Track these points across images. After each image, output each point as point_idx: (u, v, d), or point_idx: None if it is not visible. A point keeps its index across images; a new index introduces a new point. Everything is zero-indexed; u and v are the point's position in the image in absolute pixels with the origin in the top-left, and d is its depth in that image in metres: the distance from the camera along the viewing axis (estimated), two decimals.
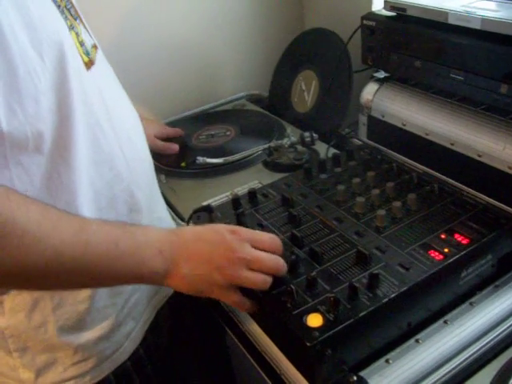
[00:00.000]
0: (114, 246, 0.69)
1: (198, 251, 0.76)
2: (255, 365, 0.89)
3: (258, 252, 0.77)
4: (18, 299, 0.77)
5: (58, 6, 0.72)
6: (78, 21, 0.78)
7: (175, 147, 1.37)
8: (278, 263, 0.78)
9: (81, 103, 0.73)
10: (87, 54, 0.78)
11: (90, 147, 0.76)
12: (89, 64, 0.78)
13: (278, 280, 0.78)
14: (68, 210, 0.69)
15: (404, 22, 1.07)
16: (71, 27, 0.74)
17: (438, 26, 0.99)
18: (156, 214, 0.96)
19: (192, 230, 0.81)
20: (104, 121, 0.79)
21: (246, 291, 0.79)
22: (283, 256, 0.80)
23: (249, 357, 0.91)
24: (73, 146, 0.72)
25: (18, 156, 0.66)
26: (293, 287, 0.75)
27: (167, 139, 1.39)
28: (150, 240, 0.74)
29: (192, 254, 0.75)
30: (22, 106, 0.64)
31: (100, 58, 0.84)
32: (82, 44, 0.77)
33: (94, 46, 0.83)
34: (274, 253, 0.79)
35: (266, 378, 0.86)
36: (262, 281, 0.75)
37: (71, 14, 0.76)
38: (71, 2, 0.78)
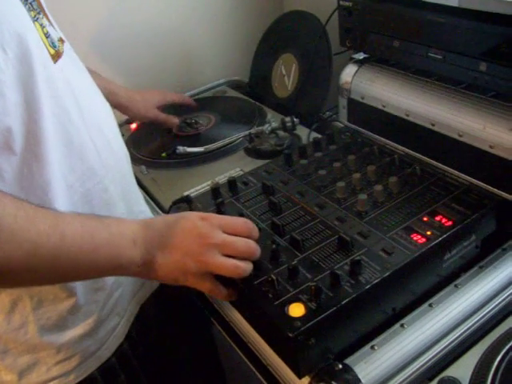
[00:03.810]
0: (90, 238, 0.69)
1: (170, 239, 0.75)
2: (242, 356, 0.89)
3: (228, 237, 0.76)
4: None
5: None
6: (41, 14, 0.76)
7: (175, 121, 1.38)
8: (250, 246, 0.77)
9: (49, 96, 0.71)
10: (53, 46, 0.76)
11: (61, 140, 0.75)
12: (55, 56, 0.76)
13: (258, 270, 0.77)
14: (41, 205, 0.69)
15: (381, 2, 1.05)
16: (35, 19, 0.72)
17: (414, 5, 0.97)
18: (135, 207, 0.95)
19: (163, 218, 0.81)
20: (74, 113, 0.77)
21: (227, 282, 0.78)
22: (258, 240, 0.79)
23: (235, 348, 0.91)
24: (43, 140, 0.71)
25: None
26: (273, 277, 0.74)
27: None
28: (124, 231, 0.73)
29: (164, 243, 0.75)
30: None
31: (67, 50, 0.82)
32: (47, 36, 0.75)
33: (60, 40, 0.81)
34: (247, 237, 0.78)
35: (252, 368, 0.86)
36: (233, 266, 0.74)
37: (33, 7, 0.74)
38: None
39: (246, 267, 0.75)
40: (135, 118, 1.38)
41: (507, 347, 0.72)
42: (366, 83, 1.11)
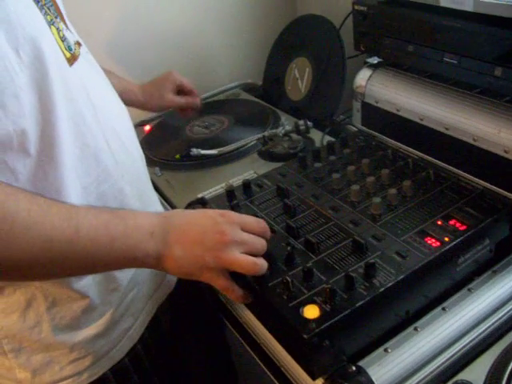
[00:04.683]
0: (104, 230, 0.69)
1: (190, 234, 0.76)
2: (255, 357, 0.89)
3: (247, 235, 0.77)
4: (11, 300, 0.76)
5: (37, 2, 0.70)
6: (58, 18, 0.76)
7: (196, 101, 1.35)
8: (264, 246, 0.79)
9: (64, 98, 0.72)
10: (69, 49, 0.76)
11: (75, 143, 0.75)
12: (71, 59, 0.76)
13: (273, 272, 0.78)
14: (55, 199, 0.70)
15: (395, 6, 1.05)
16: (51, 22, 0.73)
17: (430, 9, 0.97)
18: (150, 208, 0.95)
19: (183, 213, 0.81)
20: (89, 116, 0.77)
21: (242, 283, 0.79)
22: (268, 240, 0.81)
23: (248, 349, 0.91)
24: (58, 143, 0.71)
25: (3, 155, 0.65)
26: (289, 279, 0.74)
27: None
28: (140, 223, 0.74)
29: (184, 237, 0.75)
30: (2, 105, 0.63)
31: (84, 54, 0.83)
32: (63, 39, 0.75)
33: (77, 43, 0.81)
34: (262, 235, 0.80)
35: (265, 370, 0.86)
36: (252, 262, 0.75)
37: (51, 12, 0.74)
38: (52, 0, 0.76)
39: (263, 264, 0.76)
40: (154, 110, 1.37)
41: None
42: (380, 87, 1.12)
